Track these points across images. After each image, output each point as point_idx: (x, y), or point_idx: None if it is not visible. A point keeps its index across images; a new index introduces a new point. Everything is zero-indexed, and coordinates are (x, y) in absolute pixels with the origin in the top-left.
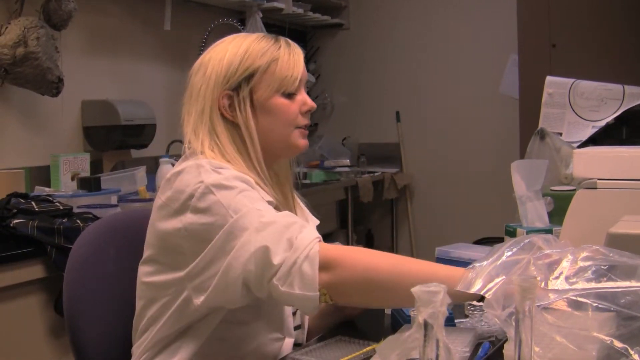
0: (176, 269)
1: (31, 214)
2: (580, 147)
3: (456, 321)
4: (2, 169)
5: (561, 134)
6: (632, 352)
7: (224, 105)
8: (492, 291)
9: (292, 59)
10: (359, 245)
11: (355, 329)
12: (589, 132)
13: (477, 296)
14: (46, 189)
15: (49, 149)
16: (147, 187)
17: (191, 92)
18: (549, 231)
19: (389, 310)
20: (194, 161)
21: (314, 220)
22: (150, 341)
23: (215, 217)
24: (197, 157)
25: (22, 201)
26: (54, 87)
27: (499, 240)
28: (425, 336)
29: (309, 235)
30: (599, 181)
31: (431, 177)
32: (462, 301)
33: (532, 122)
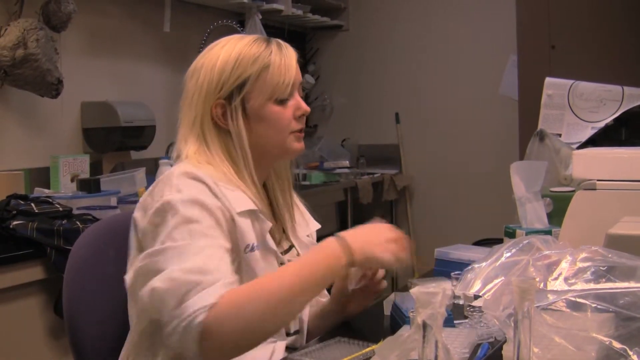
0: None
1: (31, 216)
2: (579, 148)
3: (455, 322)
4: (2, 171)
5: (560, 135)
6: (631, 352)
7: (217, 114)
8: (491, 292)
9: (284, 63)
10: None
11: (354, 330)
12: (588, 133)
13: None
14: (46, 190)
15: (48, 150)
16: (147, 189)
17: (185, 99)
18: (548, 232)
19: (388, 311)
20: (169, 172)
21: (315, 224)
22: (130, 342)
23: (156, 237)
24: (179, 162)
25: (22, 202)
26: (54, 88)
27: (499, 241)
28: (424, 337)
29: (202, 300)
30: (598, 182)
31: (431, 178)
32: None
33: (532, 123)
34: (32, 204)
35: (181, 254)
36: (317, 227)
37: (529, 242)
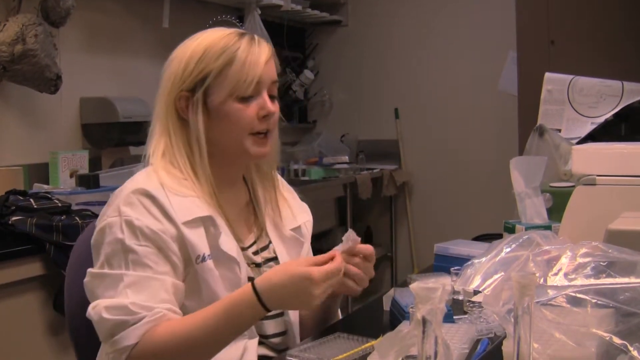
0: None
1: (30, 211)
2: (579, 143)
3: (455, 318)
4: (1, 166)
5: (560, 131)
6: (631, 348)
7: (180, 106)
8: (491, 288)
9: (250, 60)
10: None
11: (353, 325)
12: (588, 128)
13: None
14: (45, 186)
15: (47, 146)
16: None
17: (158, 91)
18: (548, 228)
19: (387, 306)
20: (121, 188)
21: (303, 217)
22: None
23: (97, 257)
24: (145, 168)
25: (21, 198)
26: (53, 84)
27: (498, 236)
28: (423, 333)
29: (124, 340)
30: (598, 177)
31: (430, 173)
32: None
33: (531, 118)
34: (31, 200)
35: (115, 283)
36: (306, 219)
37: (528, 238)
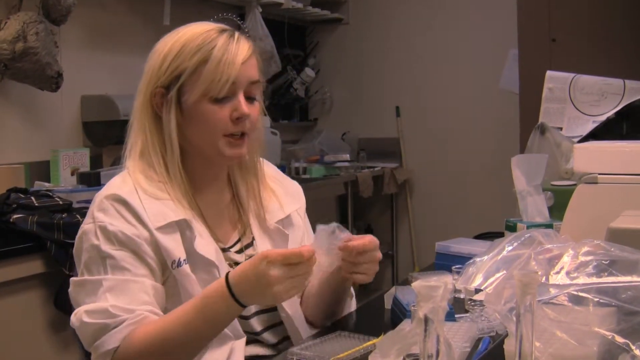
0: None
1: (31, 209)
2: (580, 141)
3: (456, 316)
4: (2, 164)
5: (561, 129)
6: (633, 347)
7: (156, 102)
8: (493, 286)
9: (226, 60)
10: None
11: (355, 323)
12: (589, 126)
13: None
14: (46, 184)
15: (48, 144)
16: None
17: (139, 83)
18: (550, 226)
19: (389, 305)
20: (97, 194)
21: (290, 206)
22: None
23: (78, 262)
24: (122, 172)
25: (22, 196)
26: (54, 82)
27: (500, 235)
28: (425, 331)
29: (106, 344)
30: (599, 176)
31: (431, 172)
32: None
33: (532, 117)
34: (32, 198)
35: (95, 288)
36: (296, 207)
37: (530, 236)
